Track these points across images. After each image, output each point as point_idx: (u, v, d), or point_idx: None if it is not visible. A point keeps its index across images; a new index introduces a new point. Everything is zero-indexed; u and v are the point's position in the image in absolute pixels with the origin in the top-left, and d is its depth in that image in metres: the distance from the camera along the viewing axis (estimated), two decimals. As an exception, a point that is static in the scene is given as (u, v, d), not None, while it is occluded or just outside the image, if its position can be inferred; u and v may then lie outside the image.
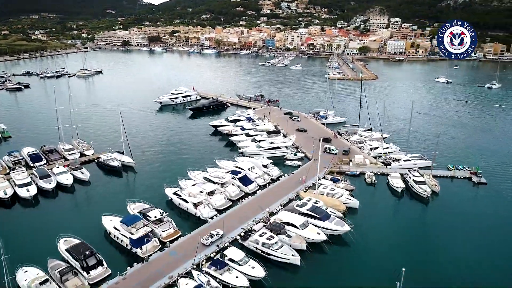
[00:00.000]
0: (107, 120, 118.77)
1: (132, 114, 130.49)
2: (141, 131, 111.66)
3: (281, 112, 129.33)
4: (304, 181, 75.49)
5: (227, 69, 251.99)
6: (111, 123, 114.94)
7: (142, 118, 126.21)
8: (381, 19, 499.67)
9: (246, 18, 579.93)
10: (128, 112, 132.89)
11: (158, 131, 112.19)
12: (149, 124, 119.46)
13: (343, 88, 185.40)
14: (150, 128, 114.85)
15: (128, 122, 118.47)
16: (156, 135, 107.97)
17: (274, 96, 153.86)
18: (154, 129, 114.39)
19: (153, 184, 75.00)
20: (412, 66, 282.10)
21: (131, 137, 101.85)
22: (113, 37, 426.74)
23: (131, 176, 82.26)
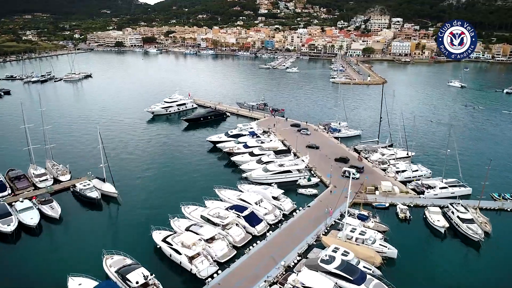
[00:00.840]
0: (90, 136, 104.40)
1: (120, 127, 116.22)
2: (129, 148, 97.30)
3: (288, 123, 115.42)
4: (331, 213, 62.11)
5: (225, 72, 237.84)
6: (94, 140, 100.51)
7: (130, 132, 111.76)
8: (382, 19, 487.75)
9: (243, 18, 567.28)
10: (115, 124, 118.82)
11: (148, 149, 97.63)
12: (138, 140, 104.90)
13: (350, 93, 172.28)
14: (139, 145, 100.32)
15: (114, 137, 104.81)
16: (146, 154, 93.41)
17: (277, 104, 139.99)
18: (144, 145, 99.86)
19: (138, 224, 60.78)
20: (419, 68, 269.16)
21: (116, 157, 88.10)
22: (106, 38, 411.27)
23: (112, 211, 68.07)
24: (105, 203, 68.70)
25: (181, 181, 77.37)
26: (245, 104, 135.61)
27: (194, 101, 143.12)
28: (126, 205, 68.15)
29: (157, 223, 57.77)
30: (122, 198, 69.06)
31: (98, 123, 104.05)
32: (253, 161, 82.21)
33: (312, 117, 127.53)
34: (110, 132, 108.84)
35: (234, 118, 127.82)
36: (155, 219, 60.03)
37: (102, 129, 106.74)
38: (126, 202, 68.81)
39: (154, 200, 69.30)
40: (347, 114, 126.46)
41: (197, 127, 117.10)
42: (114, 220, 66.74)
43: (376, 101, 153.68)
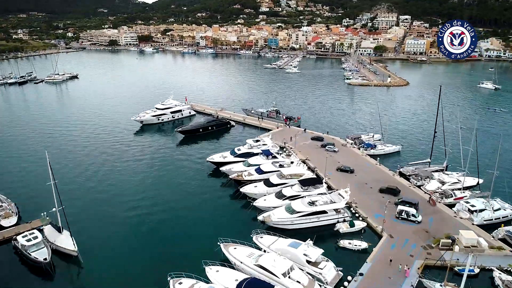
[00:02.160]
0: (54, 155, 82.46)
1: (97, 142, 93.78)
2: (102, 175, 74.65)
3: (307, 136, 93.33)
4: (408, 273, 41.05)
5: (227, 73, 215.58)
6: (59, 161, 78.75)
7: (109, 148, 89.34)
8: (389, 16, 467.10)
9: (244, 16, 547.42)
10: (93, 138, 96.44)
11: (129, 175, 74.88)
12: (118, 160, 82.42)
13: (369, 96, 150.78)
14: (118, 168, 77.84)
15: (84, 156, 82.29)
16: (124, 184, 70.32)
17: (289, 111, 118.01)
18: (124, 170, 77.22)
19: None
20: (438, 68, 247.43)
21: (82, 188, 65.82)
22: (99, 36, 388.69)
23: (67, 279, 45.92)
24: (59, 266, 46.55)
25: (168, 229, 55.01)
26: (253, 111, 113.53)
27: (192, 107, 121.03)
28: (88, 271, 45.97)
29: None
30: (83, 259, 46.85)
31: (66, 137, 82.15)
32: (271, 195, 60.15)
33: (334, 128, 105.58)
34: (81, 151, 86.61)
35: (240, 128, 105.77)
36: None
37: (73, 146, 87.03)
38: (89, 264, 46.63)
39: (131, 263, 47.08)
40: (372, 122, 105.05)
41: (195, 140, 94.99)
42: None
43: (401, 106, 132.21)
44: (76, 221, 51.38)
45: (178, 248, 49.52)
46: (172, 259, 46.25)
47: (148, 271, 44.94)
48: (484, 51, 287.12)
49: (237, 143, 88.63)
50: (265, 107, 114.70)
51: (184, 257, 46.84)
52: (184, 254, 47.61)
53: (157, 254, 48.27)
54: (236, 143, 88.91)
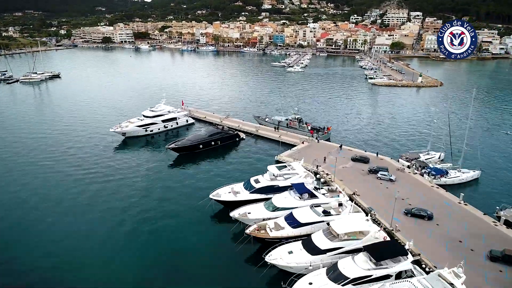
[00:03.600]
0: (14, 183, 58.39)
1: (61, 162, 69.06)
2: (51, 225, 50.09)
3: (346, 156, 68.73)
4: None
5: (231, 72, 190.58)
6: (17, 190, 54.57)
7: (74, 176, 64.58)
8: (400, 12, 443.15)
9: (246, 14, 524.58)
10: (56, 157, 71.53)
11: (94, 226, 50.13)
12: (80, 195, 57.79)
13: (395, 98, 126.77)
14: (84, 211, 53.18)
15: (37, 188, 57.53)
16: (81, 249, 45.68)
17: (312, 119, 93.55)
18: (89, 214, 52.62)
19: None
20: (464, 66, 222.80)
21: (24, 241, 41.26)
22: (93, 33, 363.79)
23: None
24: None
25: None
26: (268, 119, 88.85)
27: (190, 114, 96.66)
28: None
29: None
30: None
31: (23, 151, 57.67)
32: (319, 272, 35.58)
33: (372, 141, 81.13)
34: (34, 179, 62.14)
35: (251, 142, 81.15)
36: None
37: (23, 172, 61.29)
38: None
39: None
40: (422, 132, 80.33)
41: (193, 160, 70.47)
42: None
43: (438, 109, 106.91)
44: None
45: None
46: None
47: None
48: (511, 48, 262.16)
49: (251, 167, 64.29)
50: (283, 113, 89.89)
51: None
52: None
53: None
54: (250, 167, 64.58)
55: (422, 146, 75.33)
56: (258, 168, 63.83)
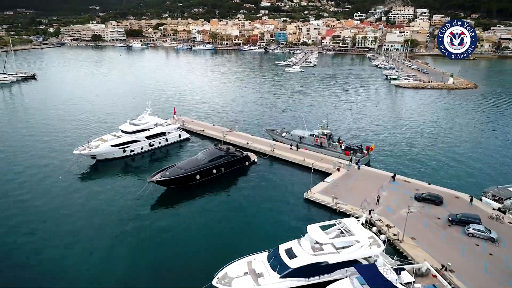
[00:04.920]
0: None
1: (8, 195, 47.95)
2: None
3: (402, 191, 48.07)
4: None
5: (232, 73, 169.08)
6: None
7: (22, 217, 43.60)
8: (406, 9, 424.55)
9: (244, 12, 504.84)
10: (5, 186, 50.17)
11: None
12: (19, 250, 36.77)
13: (429, 102, 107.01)
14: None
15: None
16: None
17: (340, 133, 72.89)
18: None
19: None
20: (488, 65, 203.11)
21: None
22: (82, 31, 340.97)
23: None
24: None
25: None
26: (285, 135, 67.86)
27: (184, 126, 75.78)
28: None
29: None
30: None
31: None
32: None
33: (417, 164, 60.55)
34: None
35: (266, 166, 60.22)
36: None
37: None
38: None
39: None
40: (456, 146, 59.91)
41: (187, 198, 49.63)
42: None
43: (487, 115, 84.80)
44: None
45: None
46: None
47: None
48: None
49: (272, 213, 43.58)
50: (306, 126, 68.76)
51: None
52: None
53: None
54: (271, 213, 43.86)
55: (503, 173, 54.87)
56: (282, 212, 43.32)
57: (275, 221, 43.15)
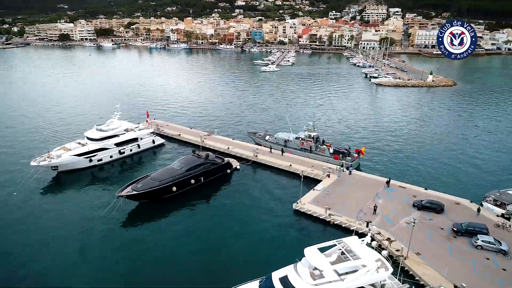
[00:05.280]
0: None
1: None
2: None
3: (398, 198, 44.24)
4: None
5: (208, 73, 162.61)
6: None
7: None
8: (379, 8, 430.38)
9: (218, 11, 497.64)
10: None
11: None
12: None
13: (412, 100, 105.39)
14: None
15: None
16: None
17: (327, 135, 68.91)
18: None
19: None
20: (459, 63, 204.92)
21: None
22: (49, 30, 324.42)
23: None
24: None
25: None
26: (269, 138, 63.05)
27: (158, 130, 69.72)
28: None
29: None
30: None
31: None
32: None
33: (411, 168, 57.32)
34: None
35: (249, 173, 55.22)
36: None
37: None
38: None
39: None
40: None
41: (161, 212, 44.00)
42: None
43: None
44: None
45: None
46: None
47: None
48: (503, 43, 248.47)
49: (260, 228, 38.70)
50: (290, 128, 64.14)
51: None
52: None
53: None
54: (259, 228, 38.97)
55: (501, 175, 52.12)
56: (271, 228, 38.46)
57: (264, 240, 38.21)
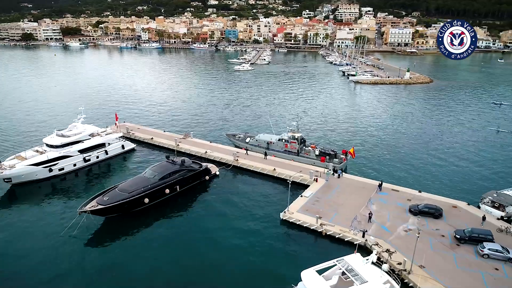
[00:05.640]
0: None
1: None
2: None
3: (392, 202, 40.92)
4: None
5: (181, 72, 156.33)
6: None
7: None
8: (352, 8, 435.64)
9: (191, 10, 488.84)
10: None
11: None
12: None
13: (388, 97, 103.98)
14: None
15: None
16: None
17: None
18: None
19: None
20: (437, 60, 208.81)
21: None
22: (10, 30, 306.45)
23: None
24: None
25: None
26: (250, 140, 58.62)
27: (128, 134, 63.90)
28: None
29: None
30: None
31: None
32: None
33: (400, 169, 54.63)
34: None
35: (229, 179, 50.69)
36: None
37: None
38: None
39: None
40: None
41: (132, 227, 38.70)
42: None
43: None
44: None
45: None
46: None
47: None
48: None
49: (245, 242, 34.30)
50: (272, 129, 60.00)
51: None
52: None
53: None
54: (243, 242, 34.55)
55: (492, 176, 49.95)
56: (258, 244, 34.09)
57: (250, 259, 33.70)
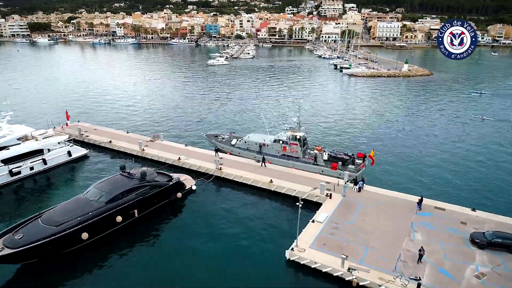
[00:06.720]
0: None
1: None
2: None
3: (441, 229, 28.37)
4: None
5: (157, 68, 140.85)
6: None
7: None
8: (335, 4, 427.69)
9: (170, 7, 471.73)
10: None
11: None
12: None
13: (389, 90, 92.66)
14: None
15: None
16: None
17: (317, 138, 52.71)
18: None
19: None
20: (428, 54, 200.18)
21: None
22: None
23: None
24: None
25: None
26: (236, 142, 45.38)
27: (81, 137, 49.63)
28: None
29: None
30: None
31: None
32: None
33: (431, 181, 42.63)
34: None
35: (210, 195, 37.25)
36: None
37: None
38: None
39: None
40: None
41: (63, 277, 24.90)
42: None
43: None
44: None
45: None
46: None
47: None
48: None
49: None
50: (267, 129, 46.88)
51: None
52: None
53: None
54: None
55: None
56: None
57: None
